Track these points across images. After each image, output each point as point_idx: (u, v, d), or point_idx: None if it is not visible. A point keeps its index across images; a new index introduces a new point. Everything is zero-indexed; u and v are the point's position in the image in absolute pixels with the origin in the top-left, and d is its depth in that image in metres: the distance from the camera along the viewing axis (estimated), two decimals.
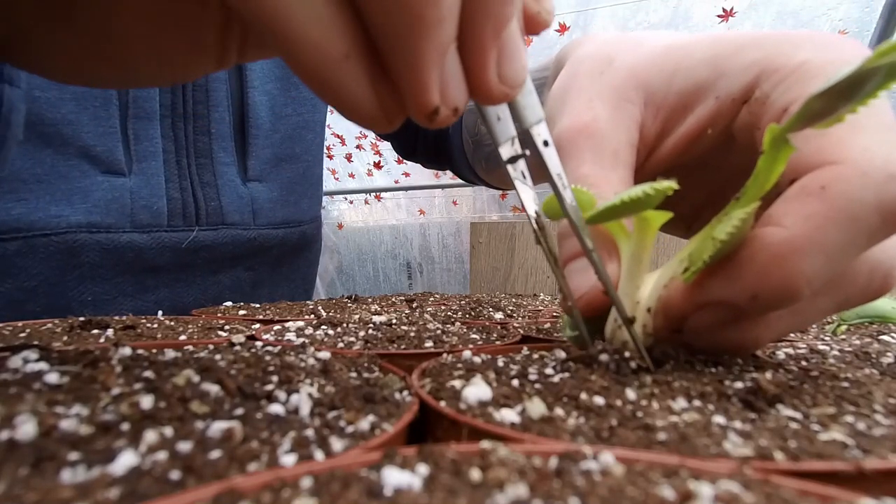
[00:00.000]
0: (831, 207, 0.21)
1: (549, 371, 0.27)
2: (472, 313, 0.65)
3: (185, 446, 0.16)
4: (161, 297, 0.71)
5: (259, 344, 0.36)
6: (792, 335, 0.49)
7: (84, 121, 0.63)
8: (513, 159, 0.24)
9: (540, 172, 0.25)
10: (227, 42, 0.24)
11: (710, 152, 0.30)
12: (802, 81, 0.25)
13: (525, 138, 0.25)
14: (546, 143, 0.24)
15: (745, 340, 0.25)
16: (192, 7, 0.22)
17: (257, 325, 0.50)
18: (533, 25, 0.22)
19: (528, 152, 0.25)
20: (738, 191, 0.23)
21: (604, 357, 0.26)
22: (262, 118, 0.77)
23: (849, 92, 0.18)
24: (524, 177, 0.25)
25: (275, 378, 0.24)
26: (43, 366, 0.22)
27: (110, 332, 0.43)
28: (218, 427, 0.17)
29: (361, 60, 0.18)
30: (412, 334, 0.43)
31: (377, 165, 2.62)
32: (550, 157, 0.25)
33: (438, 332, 0.45)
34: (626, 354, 0.26)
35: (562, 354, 0.29)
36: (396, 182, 2.67)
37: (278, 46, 0.17)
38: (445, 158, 0.80)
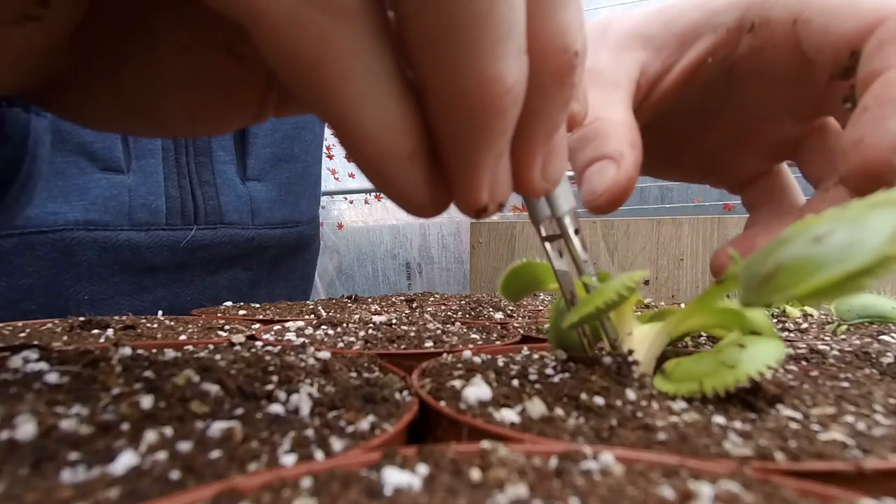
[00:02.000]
0: None
1: (549, 371, 0.27)
2: (472, 313, 0.65)
3: (185, 446, 0.16)
4: (159, 297, 0.70)
5: (259, 344, 0.36)
6: (792, 335, 0.49)
7: None
8: (550, 238, 0.25)
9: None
10: (267, 103, 0.24)
11: (711, 91, 0.32)
12: None
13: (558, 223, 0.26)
14: (577, 231, 0.25)
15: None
16: (238, 73, 0.22)
17: (257, 325, 0.50)
18: (570, 122, 0.23)
19: (575, 231, 0.26)
20: (747, 134, 0.26)
21: (606, 360, 0.26)
22: None
23: None
24: (560, 256, 0.26)
25: (275, 378, 0.24)
26: (43, 366, 0.22)
27: (110, 332, 0.43)
28: (218, 427, 0.17)
29: (423, 160, 0.18)
30: (412, 334, 0.43)
31: None
32: (579, 244, 0.26)
33: (438, 332, 0.45)
34: (630, 359, 0.26)
35: (563, 355, 0.29)
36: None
37: (344, 142, 0.17)
38: None
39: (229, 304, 0.71)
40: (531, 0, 0.15)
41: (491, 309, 0.69)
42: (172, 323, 0.51)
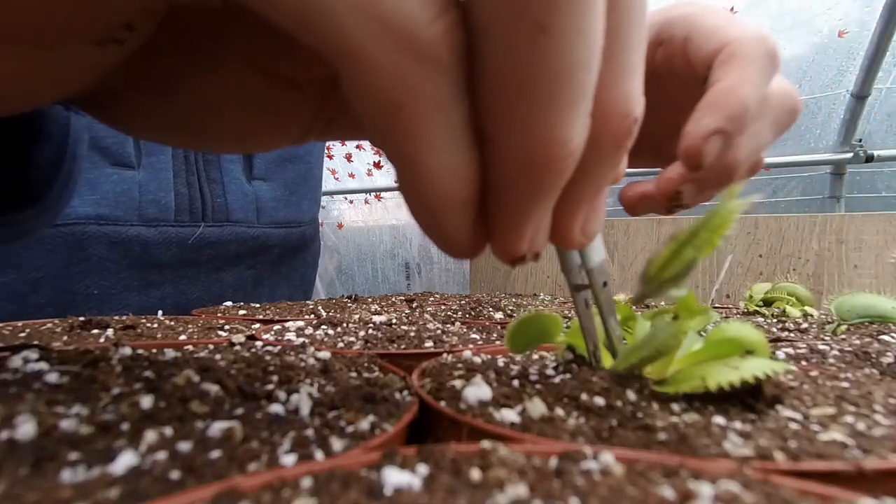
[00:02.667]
0: (745, 59, 0.31)
1: (549, 371, 0.27)
2: (472, 313, 0.65)
3: (185, 446, 0.16)
4: (165, 294, 0.71)
5: (259, 344, 0.36)
6: (792, 335, 0.49)
7: None
8: (578, 287, 0.26)
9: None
10: (313, 127, 0.24)
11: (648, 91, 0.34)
12: (687, 20, 0.35)
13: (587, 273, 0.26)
14: (605, 284, 0.26)
15: (735, 161, 0.32)
16: (290, 99, 0.22)
17: (257, 325, 0.50)
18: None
19: (603, 283, 0.26)
20: (680, 122, 0.30)
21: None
22: None
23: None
24: (587, 305, 0.27)
25: (275, 378, 0.24)
26: (43, 366, 0.22)
27: (110, 331, 0.43)
28: (218, 427, 0.17)
29: (474, 206, 0.18)
30: (412, 334, 0.43)
31: (377, 165, 2.62)
32: (608, 296, 0.27)
33: (438, 331, 0.45)
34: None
35: (569, 355, 0.29)
36: (396, 182, 2.66)
37: (406, 182, 0.17)
38: None
39: (229, 303, 0.71)
40: (602, 66, 0.16)
41: (491, 309, 0.69)
42: (172, 323, 0.51)
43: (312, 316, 0.57)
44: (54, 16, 0.16)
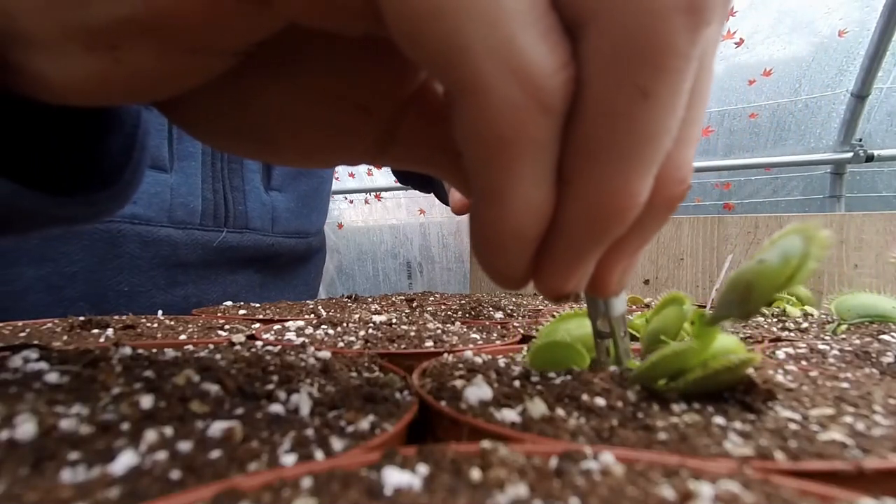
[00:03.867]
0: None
1: (550, 373, 0.27)
2: (473, 313, 0.65)
3: (185, 446, 0.16)
4: (189, 293, 0.75)
5: (259, 343, 0.36)
6: (792, 335, 0.49)
7: None
8: (602, 335, 0.27)
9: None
10: (374, 153, 0.25)
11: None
12: None
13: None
14: (625, 333, 0.27)
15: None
16: (361, 122, 0.23)
17: (257, 325, 0.50)
18: None
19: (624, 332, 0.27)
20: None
21: (613, 368, 0.27)
22: None
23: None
24: (607, 354, 0.28)
25: (275, 378, 0.24)
26: (43, 365, 0.22)
27: (110, 331, 0.43)
28: (218, 427, 0.17)
29: (538, 242, 0.19)
30: (412, 334, 0.43)
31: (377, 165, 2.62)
32: (627, 346, 0.28)
33: (439, 331, 0.45)
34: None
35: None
36: (396, 182, 2.66)
37: (484, 212, 0.18)
38: (430, 188, 0.96)
39: (229, 303, 0.71)
40: None
41: (491, 308, 0.69)
42: (172, 323, 0.51)
43: (312, 316, 0.57)
44: (220, 27, 0.17)
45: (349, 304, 0.75)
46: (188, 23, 0.17)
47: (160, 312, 0.56)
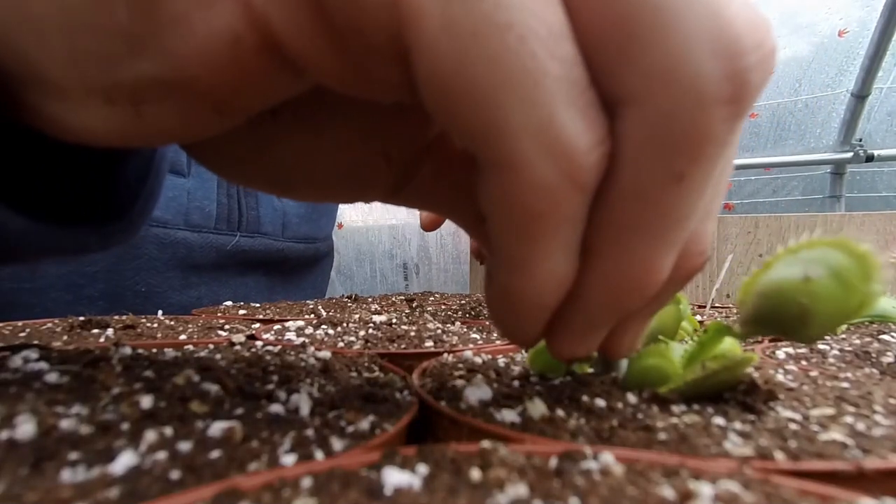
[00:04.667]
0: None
1: (550, 374, 0.27)
2: (473, 313, 0.65)
3: (185, 446, 0.16)
4: (201, 294, 0.76)
5: (259, 343, 0.36)
6: None
7: None
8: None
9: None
10: (385, 192, 0.25)
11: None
12: None
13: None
14: None
15: None
16: (379, 168, 0.23)
17: (257, 325, 0.50)
18: None
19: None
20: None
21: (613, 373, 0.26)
22: None
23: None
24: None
25: (275, 378, 0.24)
26: (43, 365, 0.22)
27: (110, 331, 0.43)
28: (218, 427, 0.17)
29: (553, 310, 0.19)
30: (412, 334, 0.43)
31: None
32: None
33: (439, 331, 0.45)
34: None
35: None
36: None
37: (505, 279, 0.18)
38: None
39: (229, 303, 0.71)
40: None
41: None
42: (172, 323, 0.51)
43: (312, 316, 0.57)
44: (248, 91, 0.17)
45: (349, 305, 0.75)
46: (213, 85, 0.16)
47: (160, 312, 0.56)
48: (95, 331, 0.43)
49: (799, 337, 0.20)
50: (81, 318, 0.45)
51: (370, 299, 0.86)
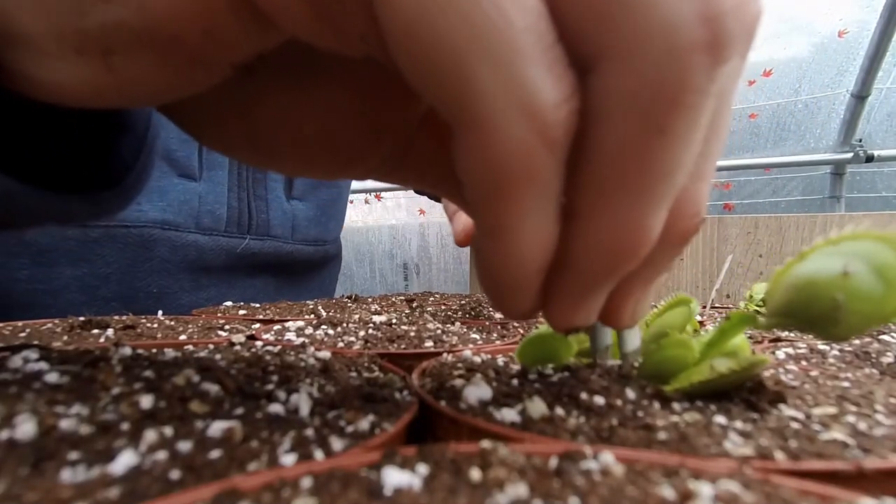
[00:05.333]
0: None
1: (548, 371, 0.27)
2: (472, 313, 0.65)
3: (185, 446, 0.16)
4: (211, 295, 0.78)
5: (259, 344, 0.36)
6: (792, 335, 0.49)
7: (172, 127, 0.68)
8: (603, 367, 0.27)
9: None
10: (378, 169, 0.24)
11: None
12: None
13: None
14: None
15: None
16: (367, 141, 0.23)
17: (257, 325, 0.50)
18: None
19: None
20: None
21: (610, 362, 0.26)
22: None
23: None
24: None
25: (275, 378, 0.24)
26: (43, 365, 0.22)
27: (110, 331, 0.43)
28: (218, 427, 0.17)
29: (543, 275, 0.19)
30: (412, 334, 0.43)
31: None
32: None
33: (438, 331, 0.45)
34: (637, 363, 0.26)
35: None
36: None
37: (489, 245, 0.18)
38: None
39: (229, 303, 0.71)
40: None
41: (491, 309, 0.69)
42: (172, 323, 0.51)
43: (312, 316, 0.57)
44: (217, 40, 0.17)
45: (349, 305, 0.75)
46: (182, 34, 0.16)
47: (160, 313, 0.56)
48: (95, 331, 0.43)
49: (827, 334, 0.19)
50: (81, 319, 0.45)
51: (370, 299, 0.86)
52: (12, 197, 0.22)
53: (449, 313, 0.64)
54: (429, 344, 0.40)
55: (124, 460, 0.15)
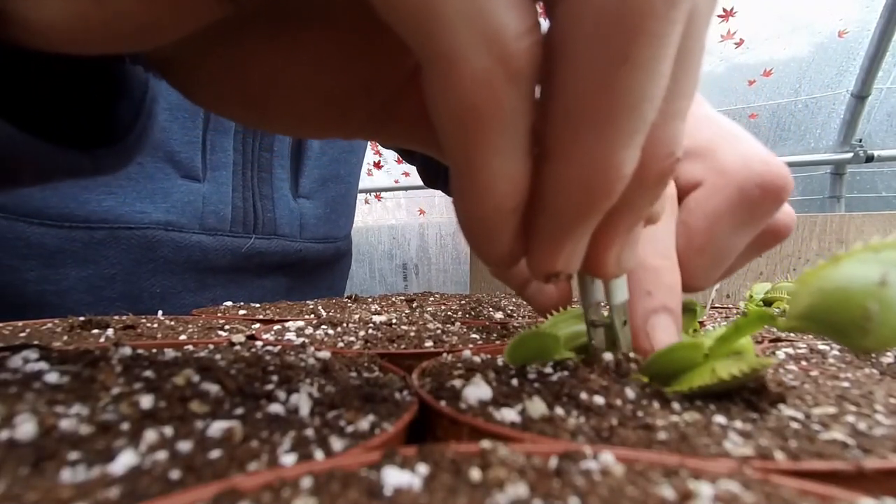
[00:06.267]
0: (705, 219, 0.32)
1: (547, 370, 0.27)
2: (472, 313, 0.65)
3: (185, 446, 0.16)
4: (217, 296, 0.78)
5: (259, 344, 0.36)
6: (792, 335, 0.49)
7: (174, 129, 0.70)
8: (595, 324, 0.27)
9: None
10: (367, 127, 0.25)
11: None
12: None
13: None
14: (625, 322, 0.27)
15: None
16: (357, 95, 0.23)
17: (257, 325, 0.50)
18: (647, 219, 0.24)
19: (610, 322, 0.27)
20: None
21: (606, 357, 0.26)
22: (314, 141, 0.85)
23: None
24: (602, 344, 0.27)
25: (275, 378, 0.24)
26: (43, 365, 0.22)
27: (110, 331, 0.43)
28: (218, 427, 0.17)
29: (518, 215, 0.19)
30: (412, 334, 0.43)
31: (377, 165, 2.62)
32: (626, 334, 0.28)
33: (438, 331, 0.45)
34: (631, 354, 0.26)
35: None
36: (396, 182, 2.66)
37: (462, 185, 0.18)
38: (436, 182, 0.93)
39: (229, 303, 0.71)
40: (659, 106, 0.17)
41: (491, 309, 0.69)
42: (172, 323, 0.51)
43: (312, 316, 0.57)
44: None
45: (349, 305, 0.75)
46: None
47: (160, 313, 0.56)
48: (95, 331, 0.43)
49: (855, 344, 0.18)
50: (81, 319, 0.45)
51: (370, 299, 0.86)
52: (16, 148, 0.22)
53: (449, 313, 0.64)
54: (429, 344, 0.40)
55: (124, 460, 0.15)
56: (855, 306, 0.17)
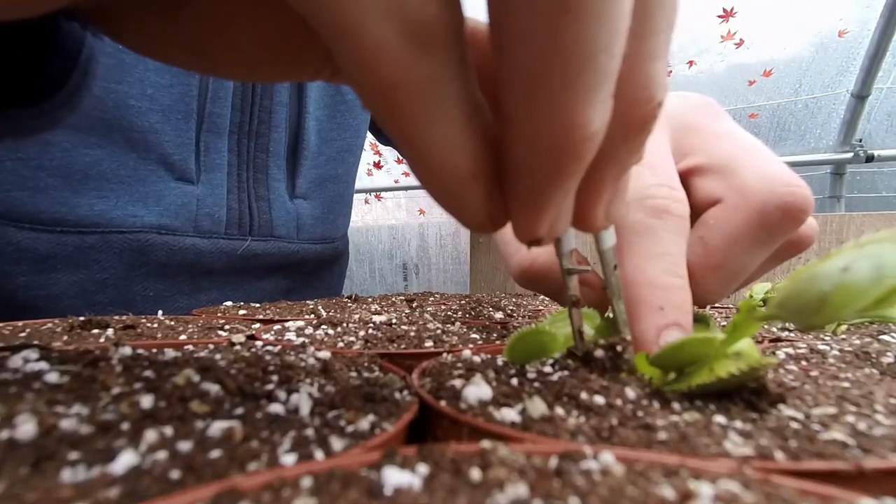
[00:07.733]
0: (724, 237, 0.31)
1: (547, 370, 0.27)
2: (472, 313, 0.65)
3: (185, 446, 0.16)
4: (213, 298, 0.77)
5: (259, 344, 0.36)
6: (792, 335, 0.49)
7: (167, 131, 0.69)
8: (570, 272, 0.27)
9: None
10: (323, 70, 0.24)
11: None
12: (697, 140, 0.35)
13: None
14: (615, 267, 0.27)
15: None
16: (302, 37, 0.22)
17: (257, 325, 0.50)
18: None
19: (587, 269, 0.28)
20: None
21: (598, 353, 0.27)
22: (311, 141, 0.84)
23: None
24: (577, 292, 0.27)
25: (275, 378, 0.24)
26: (43, 365, 0.22)
27: (110, 331, 0.43)
28: (218, 427, 0.17)
29: (486, 180, 0.18)
30: (412, 334, 0.43)
31: (377, 165, 2.62)
32: (618, 279, 0.28)
33: (438, 331, 0.45)
34: (619, 349, 0.27)
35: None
36: (396, 182, 2.67)
37: (410, 158, 0.18)
38: None
39: (229, 303, 0.71)
40: (627, 50, 0.16)
41: (491, 308, 0.69)
42: (172, 323, 0.51)
43: (312, 316, 0.57)
44: None
45: (349, 305, 0.75)
46: None
47: (160, 313, 0.56)
48: (95, 331, 0.43)
49: (806, 322, 0.19)
50: (81, 319, 0.45)
51: (370, 299, 0.86)
52: None
53: (449, 313, 0.64)
54: (429, 344, 0.40)
55: (124, 460, 0.15)
56: (816, 290, 0.18)
